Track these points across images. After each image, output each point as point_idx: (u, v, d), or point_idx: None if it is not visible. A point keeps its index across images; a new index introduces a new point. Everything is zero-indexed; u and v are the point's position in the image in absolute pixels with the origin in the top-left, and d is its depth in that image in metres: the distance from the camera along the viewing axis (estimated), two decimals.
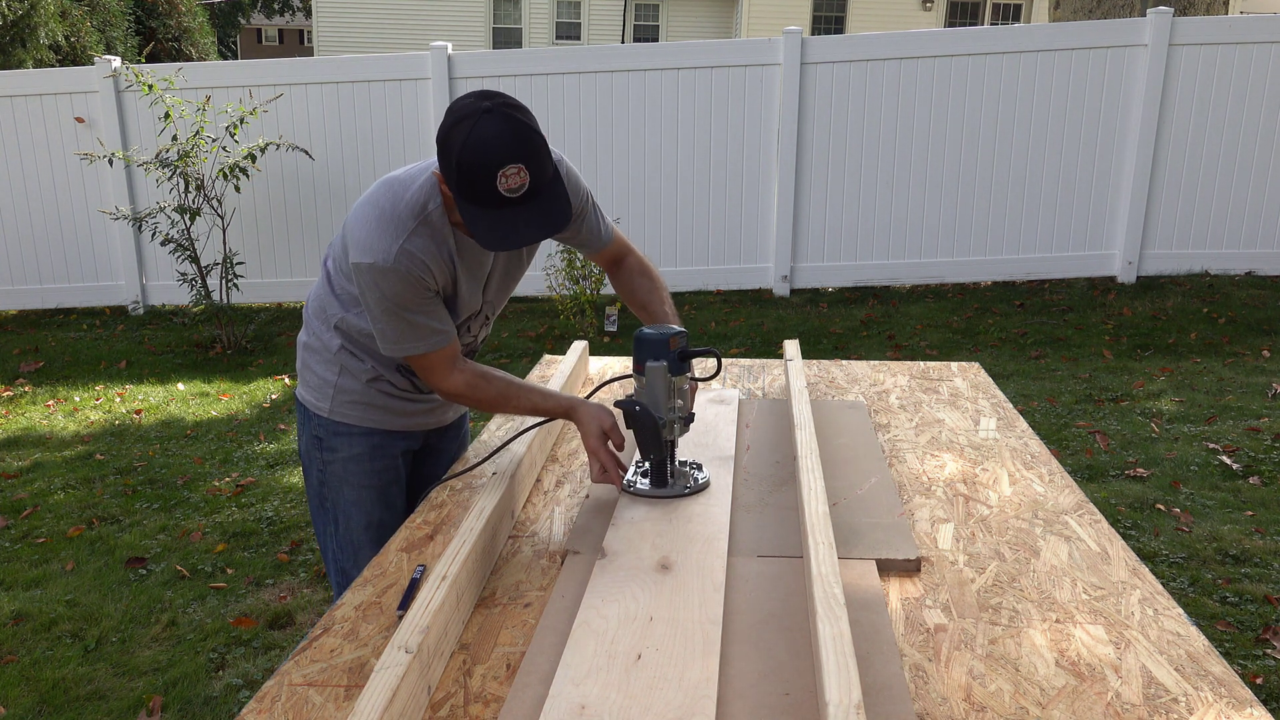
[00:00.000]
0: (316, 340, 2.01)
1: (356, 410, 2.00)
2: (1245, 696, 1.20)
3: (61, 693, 2.77)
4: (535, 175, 1.60)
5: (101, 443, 4.93)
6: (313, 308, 2.03)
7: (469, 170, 1.58)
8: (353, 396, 1.99)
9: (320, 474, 2.05)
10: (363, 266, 1.72)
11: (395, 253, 1.70)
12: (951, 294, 7.19)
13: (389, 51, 8.89)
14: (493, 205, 1.60)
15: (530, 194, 1.61)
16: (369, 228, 1.74)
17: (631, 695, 1.20)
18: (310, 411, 2.04)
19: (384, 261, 1.70)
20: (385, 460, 2.05)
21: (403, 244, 1.71)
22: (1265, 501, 3.73)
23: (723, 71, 7.09)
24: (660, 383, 1.75)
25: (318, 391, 2.02)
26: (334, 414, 2.01)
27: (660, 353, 1.75)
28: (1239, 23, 6.80)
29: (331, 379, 1.99)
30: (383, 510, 2.07)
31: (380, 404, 2.00)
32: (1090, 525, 1.68)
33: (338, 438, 2.02)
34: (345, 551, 2.08)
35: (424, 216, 1.75)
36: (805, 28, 17.59)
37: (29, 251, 7.57)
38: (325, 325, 1.99)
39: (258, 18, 37.82)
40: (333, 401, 2.00)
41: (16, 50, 10.24)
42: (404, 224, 1.73)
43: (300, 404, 2.08)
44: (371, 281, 1.72)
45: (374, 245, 1.71)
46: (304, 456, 2.10)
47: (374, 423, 2.01)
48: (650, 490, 1.78)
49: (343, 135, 7.27)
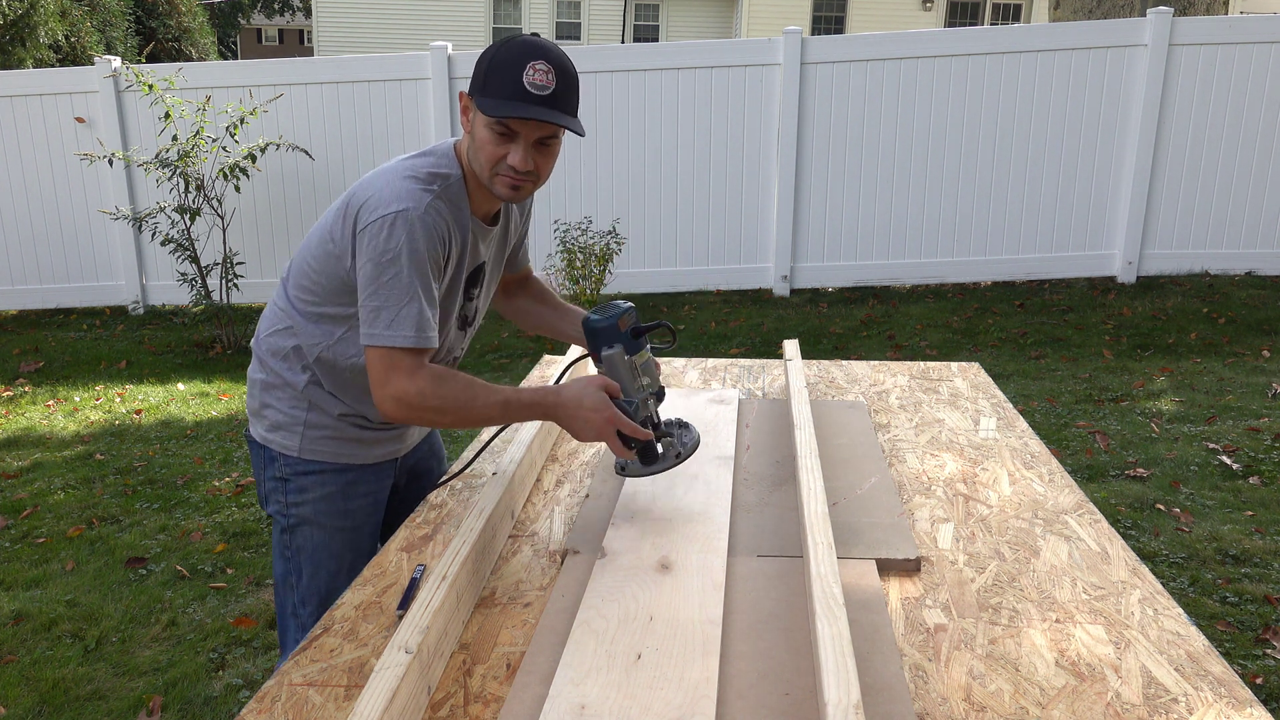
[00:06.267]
0: (277, 379, 1.83)
1: (330, 446, 1.84)
2: (1245, 696, 1.20)
3: (61, 693, 2.77)
4: (560, 87, 1.56)
5: (101, 443, 4.93)
6: (268, 346, 1.83)
7: (498, 63, 1.54)
8: (323, 432, 1.83)
9: (286, 519, 1.87)
10: (389, 218, 1.58)
11: (428, 204, 1.61)
12: (951, 294, 7.19)
13: (389, 51, 8.89)
14: (512, 97, 1.54)
15: (551, 100, 1.56)
16: (392, 183, 1.62)
17: (631, 695, 1.20)
18: (273, 453, 1.85)
19: (416, 209, 1.59)
20: (359, 500, 1.90)
21: (433, 199, 1.63)
22: (1265, 501, 3.73)
23: (723, 71, 7.09)
24: (621, 367, 1.69)
25: (284, 430, 1.84)
26: (304, 452, 1.83)
27: (613, 337, 1.69)
28: (1239, 23, 6.80)
29: (300, 415, 1.82)
30: (354, 555, 1.91)
31: (353, 436, 1.85)
32: (1090, 525, 1.68)
33: (306, 477, 1.85)
34: (308, 605, 1.89)
35: (448, 185, 1.68)
36: (805, 28, 17.60)
37: (29, 251, 7.58)
38: (289, 363, 1.81)
39: (258, 18, 37.82)
40: (303, 439, 1.83)
41: (16, 50, 10.25)
42: (430, 182, 1.65)
43: (258, 445, 1.89)
44: (391, 234, 1.57)
45: (403, 194, 1.60)
46: (266, 503, 1.91)
47: (348, 457, 1.86)
48: (643, 469, 1.74)
49: (343, 135, 7.27)
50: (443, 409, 1.62)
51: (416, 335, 1.60)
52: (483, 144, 1.62)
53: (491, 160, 1.62)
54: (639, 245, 7.32)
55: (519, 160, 1.61)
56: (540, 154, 1.64)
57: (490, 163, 1.63)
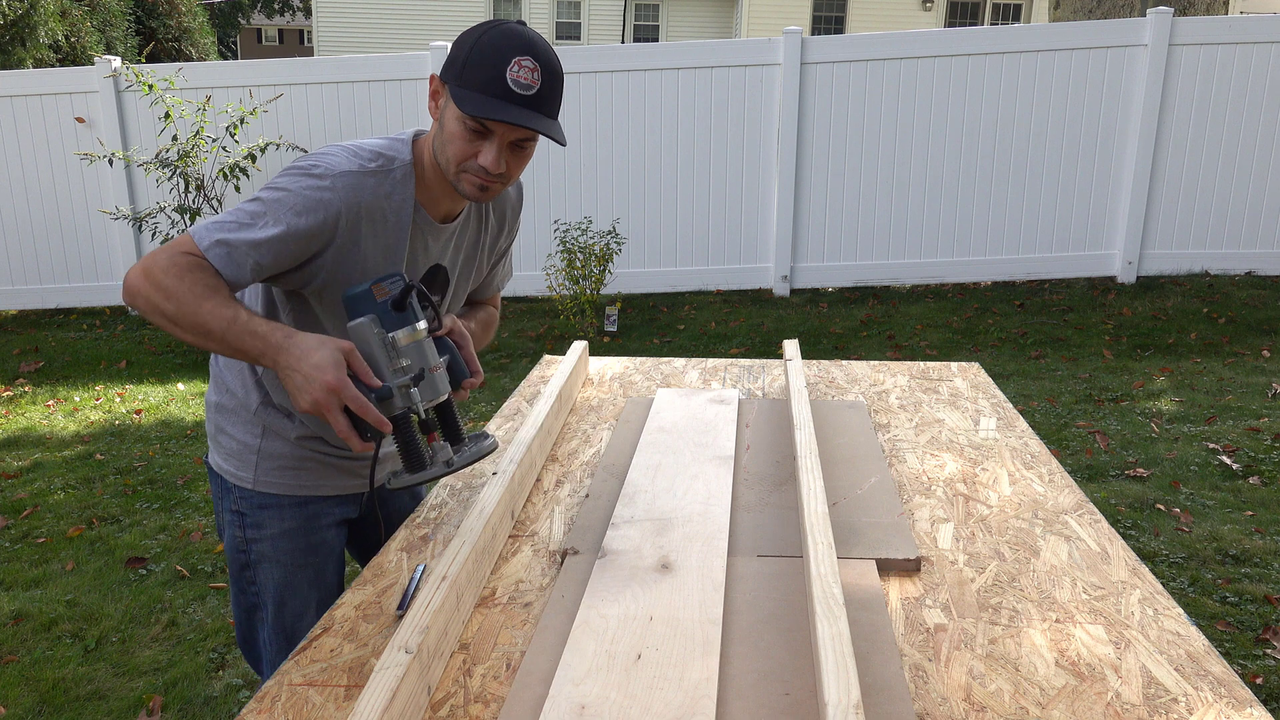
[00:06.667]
0: (230, 399, 1.73)
1: (285, 477, 1.72)
2: (1245, 696, 1.20)
3: (61, 693, 2.77)
4: (545, 88, 1.45)
5: (101, 443, 4.93)
6: (225, 361, 1.73)
7: (480, 52, 1.43)
8: (280, 461, 1.71)
9: (243, 555, 1.76)
10: (296, 168, 1.51)
11: (340, 172, 1.50)
12: (951, 294, 7.19)
13: (389, 51, 8.89)
14: (493, 95, 1.42)
15: (534, 102, 1.44)
16: (327, 150, 1.55)
17: (631, 695, 1.20)
18: (228, 483, 1.74)
19: (330, 169, 1.49)
20: (321, 534, 1.77)
21: (355, 172, 1.51)
22: (1265, 501, 3.73)
23: (723, 71, 7.09)
24: (372, 341, 1.40)
25: (238, 459, 1.72)
26: (259, 484, 1.72)
27: (362, 306, 1.41)
28: (1239, 23, 6.80)
29: (253, 443, 1.70)
30: (321, 592, 1.79)
31: (312, 466, 1.73)
32: (1090, 525, 1.68)
33: (264, 511, 1.73)
34: (277, 642, 1.78)
35: (389, 169, 1.55)
36: (805, 28, 17.60)
37: (29, 251, 7.58)
38: (243, 380, 1.71)
39: (258, 18, 37.82)
40: (256, 470, 1.71)
41: (16, 50, 10.24)
42: (369, 159, 1.54)
43: (214, 473, 1.78)
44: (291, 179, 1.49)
45: (324, 155, 1.52)
46: (222, 534, 1.80)
47: (307, 489, 1.73)
48: (409, 476, 1.44)
49: (343, 135, 7.27)
50: (170, 292, 1.40)
51: (210, 245, 1.45)
52: (452, 138, 1.49)
53: (460, 157, 1.50)
54: (639, 245, 7.32)
55: (491, 161, 1.48)
56: (514, 156, 1.52)
57: (458, 159, 1.50)
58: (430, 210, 1.64)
